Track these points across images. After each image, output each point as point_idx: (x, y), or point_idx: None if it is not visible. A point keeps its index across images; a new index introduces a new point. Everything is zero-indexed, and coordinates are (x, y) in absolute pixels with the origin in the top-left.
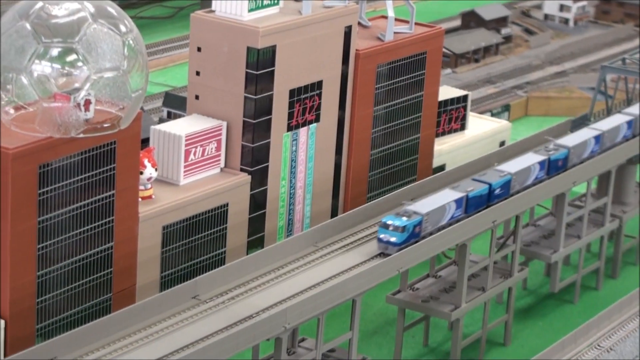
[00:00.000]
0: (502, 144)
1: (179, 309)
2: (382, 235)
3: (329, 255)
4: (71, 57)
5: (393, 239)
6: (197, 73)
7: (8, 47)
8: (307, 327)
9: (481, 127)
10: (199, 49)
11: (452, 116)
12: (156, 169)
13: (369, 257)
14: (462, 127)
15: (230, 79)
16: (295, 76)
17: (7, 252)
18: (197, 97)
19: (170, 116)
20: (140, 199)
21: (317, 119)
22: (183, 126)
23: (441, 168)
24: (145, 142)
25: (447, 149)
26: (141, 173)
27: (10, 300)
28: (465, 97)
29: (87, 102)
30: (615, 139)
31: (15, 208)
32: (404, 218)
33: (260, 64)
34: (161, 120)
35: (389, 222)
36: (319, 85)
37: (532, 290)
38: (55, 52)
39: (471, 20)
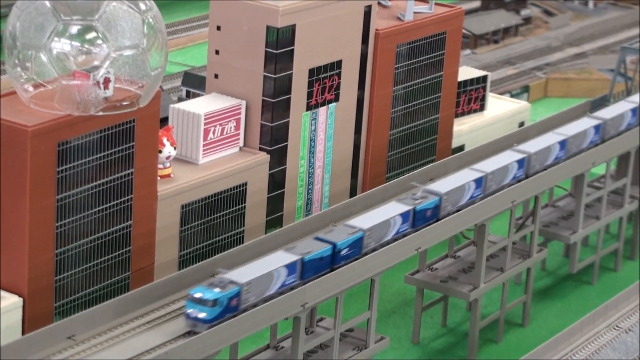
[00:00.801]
0: (521, 124)
1: None
2: (189, 310)
3: None
4: (91, 35)
5: (202, 315)
6: (217, 52)
7: (27, 24)
8: (325, 307)
9: (500, 107)
10: (218, 28)
11: (472, 97)
12: (175, 148)
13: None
14: (482, 108)
15: (249, 58)
16: (314, 55)
17: (25, 230)
18: (216, 76)
19: (189, 95)
20: (159, 178)
21: (336, 99)
22: (202, 105)
23: (460, 148)
24: (164, 121)
25: (466, 129)
26: (160, 151)
27: (29, 278)
28: (484, 78)
29: (107, 80)
30: (503, 181)
31: (34, 186)
32: (217, 289)
33: (280, 43)
34: (180, 100)
35: (197, 294)
36: (338, 64)
37: (551, 271)
38: (74, 29)
39: (491, 1)
